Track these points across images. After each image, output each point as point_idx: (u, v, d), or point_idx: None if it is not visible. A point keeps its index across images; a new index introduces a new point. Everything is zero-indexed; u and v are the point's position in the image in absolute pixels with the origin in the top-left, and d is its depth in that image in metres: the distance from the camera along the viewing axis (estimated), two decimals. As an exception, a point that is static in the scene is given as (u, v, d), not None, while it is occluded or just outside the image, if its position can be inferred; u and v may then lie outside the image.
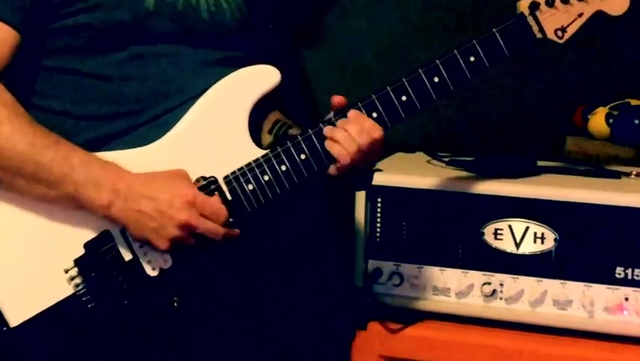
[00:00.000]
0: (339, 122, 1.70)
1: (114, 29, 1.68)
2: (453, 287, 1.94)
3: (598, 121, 2.19)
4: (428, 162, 2.13)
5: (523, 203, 1.89)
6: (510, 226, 1.90)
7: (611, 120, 2.16)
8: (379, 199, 1.97)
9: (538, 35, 1.77)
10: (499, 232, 1.91)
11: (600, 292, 1.86)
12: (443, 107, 2.40)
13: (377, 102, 1.71)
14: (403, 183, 1.93)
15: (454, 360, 1.93)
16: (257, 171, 1.69)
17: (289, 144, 1.70)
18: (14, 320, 1.62)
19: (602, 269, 1.86)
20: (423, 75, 1.72)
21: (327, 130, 1.69)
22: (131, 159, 1.67)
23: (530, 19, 1.76)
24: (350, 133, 1.68)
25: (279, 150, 1.70)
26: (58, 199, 1.62)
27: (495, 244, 1.91)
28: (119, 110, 1.70)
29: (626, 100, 2.20)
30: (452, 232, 1.94)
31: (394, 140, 2.41)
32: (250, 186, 1.69)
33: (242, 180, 1.69)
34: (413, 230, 1.96)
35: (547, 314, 1.89)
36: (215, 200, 1.65)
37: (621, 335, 1.86)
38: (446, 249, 1.94)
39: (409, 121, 1.74)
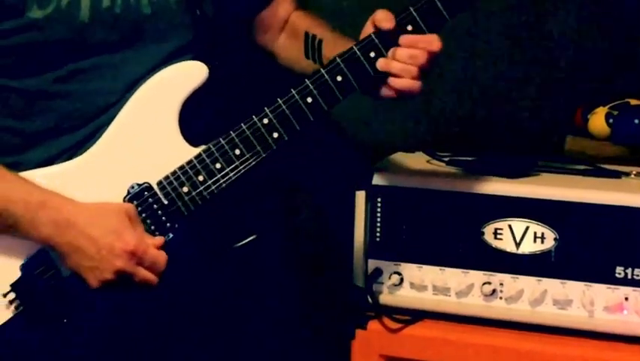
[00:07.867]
0: (390, 52, 1.65)
1: (52, 47, 1.64)
2: (453, 287, 1.94)
3: (598, 121, 2.19)
4: (428, 161, 2.13)
5: (523, 203, 1.89)
6: (510, 226, 1.90)
7: (611, 120, 2.16)
8: (379, 199, 1.97)
9: None
10: (499, 231, 1.91)
11: (600, 292, 1.86)
12: (443, 107, 2.40)
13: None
14: (403, 183, 1.92)
15: (454, 360, 1.93)
16: (191, 173, 1.66)
17: (222, 141, 1.67)
18: None
19: (602, 269, 1.86)
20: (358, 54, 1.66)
21: (381, 63, 1.65)
22: (64, 172, 1.65)
23: None
24: (406, 62, 1.64)
25: (213, 148, 1.66)
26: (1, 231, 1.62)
27: (495, 243, 1.91)
28: (62, 126, 1.67)
29: (626, 100, 2.20)
30: (452, 231, 1.94)
31: (394, 140, 2.43)
32: (185, 189, 1.66)
33: (175, 183, 1.66)
34: (413, 230, 1.96)
35: (547, 314, 1.89)
36: (154, 250, 1.62)
37: (621, 334, 1.86)
38: (446, 249, 1.94)
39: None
